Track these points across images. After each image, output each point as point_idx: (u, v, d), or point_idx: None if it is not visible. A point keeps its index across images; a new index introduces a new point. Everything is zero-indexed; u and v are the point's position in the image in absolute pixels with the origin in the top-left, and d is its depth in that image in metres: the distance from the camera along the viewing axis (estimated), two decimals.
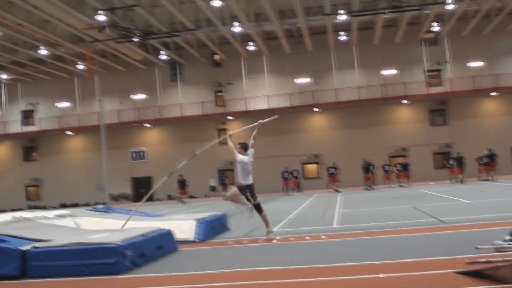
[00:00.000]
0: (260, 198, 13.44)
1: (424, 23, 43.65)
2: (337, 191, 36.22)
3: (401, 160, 41.58)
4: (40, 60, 48.21)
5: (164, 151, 50.92)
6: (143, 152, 51.67)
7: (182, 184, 40.65)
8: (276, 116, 15.19)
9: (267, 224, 13.24)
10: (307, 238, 12.56)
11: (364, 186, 37.94)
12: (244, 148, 13.46)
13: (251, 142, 13.64)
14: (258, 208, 13.23)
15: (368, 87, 47.41)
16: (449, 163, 37.60)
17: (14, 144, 55.46)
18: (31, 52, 44.67)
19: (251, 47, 47.28)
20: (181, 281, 8.79)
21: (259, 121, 13.93)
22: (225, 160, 49.92)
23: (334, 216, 18.16)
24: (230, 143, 13.74)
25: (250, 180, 13.30)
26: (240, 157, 13.29)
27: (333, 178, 38.29)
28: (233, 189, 13.60)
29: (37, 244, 10.37)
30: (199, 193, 47.53)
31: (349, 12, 38.73)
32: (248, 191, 13.20)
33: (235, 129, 14.49)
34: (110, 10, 34.78)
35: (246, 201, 13.33)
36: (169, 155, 50.14)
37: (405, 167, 38.79)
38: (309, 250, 10.99)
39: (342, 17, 40.12)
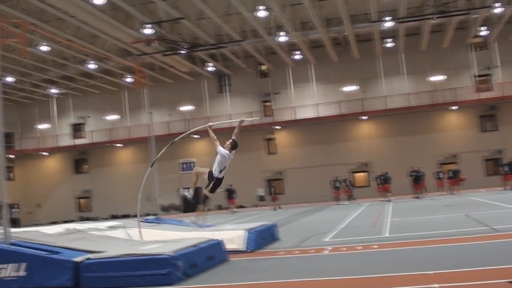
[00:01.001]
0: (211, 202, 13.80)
1: (472, 28, 43.08)
2: (388, 200, 35.77)
3: (452, 167, 40.91)
4: (89, 74, 48.99)
5: (212, 161, 50.93)
6: (193, 162, 51.97)
7: (230, 193, 40.72)
8: (259, 118, 15.29)
9: (197, 215, 14.18)
10: (359, 248, 12.43)
11: (414, 195, 37.36)
12: (233, 146, 13.37)
13: (232, 138, 13.60)
14: (204, 199, 13.42)
15: (417, 94, 46.94)
16: (504, 170, 36.68)
17: (65, 157, 56.40)
18: (81, 66, 45.42)
19: (297, 56, 47.29)
20: None
21: (241, 119, 14.01)
22: (273, 169, 50.00)
23: (385, 225, 17.97)
24: (211, 133, 13.89)
25: (221, 175, 13.29)
26: (223, 150, 13.20)
27: (384, 187, 37.73)
28: (206, 170, 13.60)
29: (90, 256, 10.47)
30: (248, 202, 47.54)
31: (395, 19, 38.43)
32: (212, 180, 13.27)
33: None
34: (157, 23, 35.15)
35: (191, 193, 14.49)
36: None
37: (456, 174, 38.15)
38: (361, 260, 10.88)
39: (389, 23, 39.87)
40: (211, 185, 13.29)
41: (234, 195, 40.93)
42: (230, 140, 13.42)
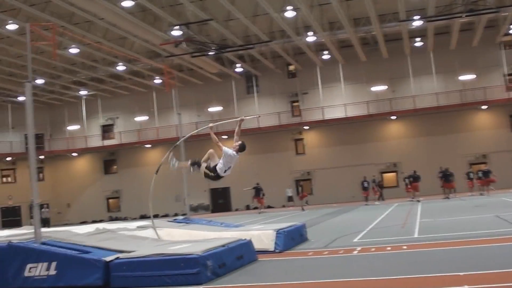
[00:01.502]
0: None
1: (502, 26, 42.54)
2: (417, 200, 35.45)
3: (482, 167, 40.44)
4: (118, 76, 49.31)
5: (241, 162, 50.66)
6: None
7: (257, 192, 40.62)
8: (259, 116, 14.91)
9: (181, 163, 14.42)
10: (388, 248, 12.39)
11: (443, 194, 37.04)
12: (241, 148, 13.17)
13: (235, 138, 13.42)
14: (195, 164, 13.71)
15: (446, 93, 46.50)
16: None
17: (94, 158, 56.87)
18: (110, 68, 45.73)
19: (326, 56, 47.10)
20: None
21: (241, 118, 13.85)
22: (301, 170, 49.90)
23: (415, 225, 17.86)
24: (213, 136, 13.44)
25: (225, 174, 13.12)
26: (230, 150, 12.96)
27: (413, 186, 37.41)
28: (216, 161, 13.31)
29: (120, 255, 10.59)
30: (276, 203, 47.52)
31: (424, 18, 38.11)
32: (214, 173, 13.02)
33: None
34: (185, 25, 35.28)
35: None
36: (245, 166, 50.38)
37: (486, 174, 37.70)
38: (390, 261, 10.85)
39: (418, 22, 39.54)
40: (210, 174, 13.22)
41: (261, 194, 40.74)
42: (240, 142, 13.25)
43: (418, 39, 45.20)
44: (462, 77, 46.68)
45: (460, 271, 8.71)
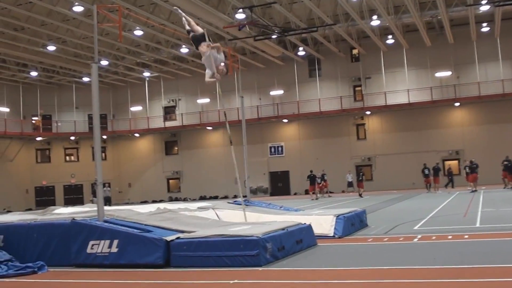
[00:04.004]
0: None
1: None
2: (474, 190, 34.52)
3: None
4: (181, 58, 49.75)
5: (301, 146, 51.22)
6: (281, 146, 52.13)
7: (312, 180, 40.16)
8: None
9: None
10: (449, 237, 12.22)
11: (505, 184, 36.13)
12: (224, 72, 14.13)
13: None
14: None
15: None
16: None
17: (156, 139, 57.61)
18: (173, 50, 46.17)
19: (390, 41, 46.55)
20: (321, 276, 8.80)
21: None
22: (362, 155, 49.53)
23: (477, 215, 17.56)
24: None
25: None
26: (217, 61, 13.47)
27: (472, 176, 36.56)
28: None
29: (181, 235, 10.73)
30: (336, 188, 47.23)
31: (492, 2, 37.23)
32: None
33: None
34: (249, 8, 35.27)
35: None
36: (306, 150, 50.52)
37: None
38: (451, 250, 10.70)
39: (485, 7, 38.69)
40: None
41: (317, 181, 40.30)
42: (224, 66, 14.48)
43: (484, 24, 44.25)
44: None
45: None
